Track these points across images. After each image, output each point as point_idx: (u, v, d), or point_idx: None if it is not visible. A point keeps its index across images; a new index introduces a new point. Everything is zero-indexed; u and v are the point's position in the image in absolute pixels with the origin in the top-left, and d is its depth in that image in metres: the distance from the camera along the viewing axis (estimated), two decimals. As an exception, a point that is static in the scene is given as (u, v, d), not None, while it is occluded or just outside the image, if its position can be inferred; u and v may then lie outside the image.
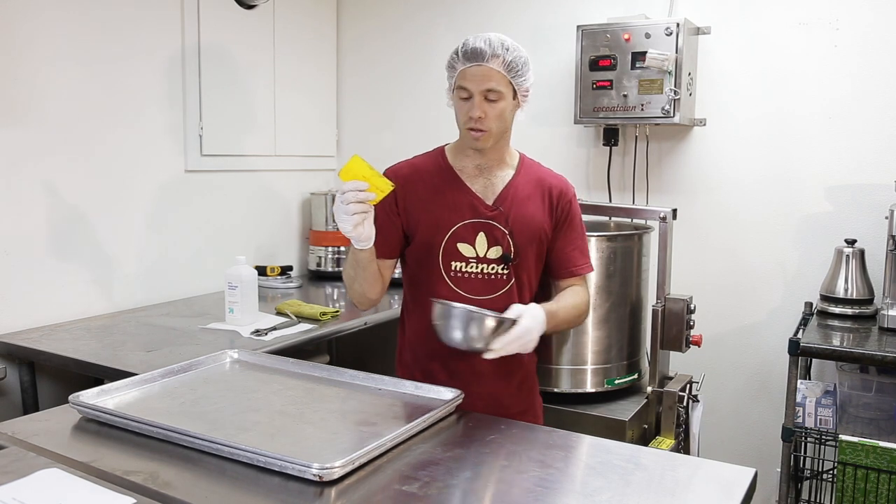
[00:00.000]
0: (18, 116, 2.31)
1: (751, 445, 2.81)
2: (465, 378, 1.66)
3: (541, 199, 1.76)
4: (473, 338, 1.49)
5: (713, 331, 2.78)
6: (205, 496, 1.12)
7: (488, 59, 1.61)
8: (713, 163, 2.82)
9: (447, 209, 1.70)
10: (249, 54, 3.12)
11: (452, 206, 1.70)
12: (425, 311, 1.64)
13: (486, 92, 1.63)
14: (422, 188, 1.72)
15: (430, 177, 1.74)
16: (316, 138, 3.53)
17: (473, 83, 1.62)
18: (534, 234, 1.73)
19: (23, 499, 1.05)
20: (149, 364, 1.93)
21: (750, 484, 1.21)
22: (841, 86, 2.58)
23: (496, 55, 1.62)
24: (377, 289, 1.74)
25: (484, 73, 1.62)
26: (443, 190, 1.72)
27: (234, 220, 3.12)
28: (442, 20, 3.33)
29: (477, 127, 1.64)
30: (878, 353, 2.02)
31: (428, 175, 1.74)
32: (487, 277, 1.70)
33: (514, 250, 1.71)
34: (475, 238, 1.70)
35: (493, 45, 1.62)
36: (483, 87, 1.62)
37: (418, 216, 1.71)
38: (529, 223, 1.72)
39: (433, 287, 1.71)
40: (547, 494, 1.16)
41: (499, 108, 1.65)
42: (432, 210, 1.70)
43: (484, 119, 1.63)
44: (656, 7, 2.85)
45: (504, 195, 1.73)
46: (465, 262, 1.70)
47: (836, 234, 2.56)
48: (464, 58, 1.63)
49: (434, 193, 1.72)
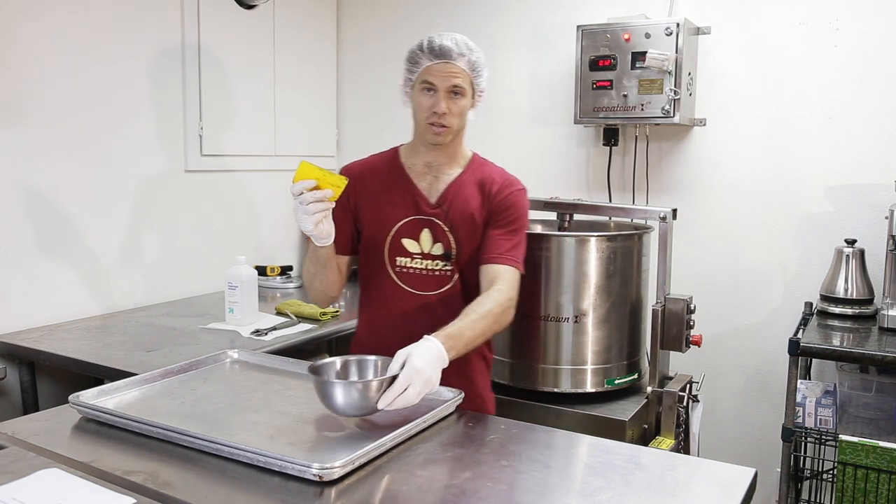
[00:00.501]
0: (18, 116, 2.31)
1: (751, 445, 2.81)
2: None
3: (480, 196, 1.79)
4: (353, 406, 1.34)
5: (713, 331, 2.78)
6: (205, 496, 1.12)
7: (455, 57, 1.69)
8: (713, 163, 2.82)
9: (392, 205, 1.77)
10: (249, 54, 3.12)
11: (398, 203, 1.77)
12: (374, 306, 1.79)
13: (452, 88, 1.69)
14: (371, 184, 1.79)
15: (381, 174, 1.81)
16: (316, 138, 3.53)
17: (440, 79, 1.68)
18: (473, 231, 1.77)
19: (23, 499, 1.05)
20: (149, 364, 1.93)
21: (750, 484, 1.21)
22: (841, 86, 2.58)
23: (462, 54, 1.70)
24: (337, 285, 1.81)
25: (451, 70, 1.69)
26: (390, 186, 1.79)
27: (234, 220, 3.12)
28: (442, 20, 3.33)
29: (440, 122, 1.70)
30: (878, 353, 2.01)
31: (379, 172, 1.81)
32: (431, 273, 1.76)
33: (454, 247, 1.76)
34: (420, 234, 1.76)
35: (460, 44, 1.70)
36: (449, 84, 1.69)
37: (366, 212, 1.78)
38: (469, 221, 1.76)
39: (381, 282, 1.79)
40: (547, 494, 1.16)
41: (461, 104, 1.72)
42: (378, 206, 1.77)
43: (447, 115, 1.69)
44: (656, 7, 2.85)
45: (446, 193, 1.78)
46: (409, 257, 1.77)
47: (836, 234, 2.56)
48: (430, 54, 1.69)
49: (382, 190, 1.78)
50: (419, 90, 1.72)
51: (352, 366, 1.48)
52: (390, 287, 1.78)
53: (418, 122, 1.76)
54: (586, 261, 2.00)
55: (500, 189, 1.80)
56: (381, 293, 1.79)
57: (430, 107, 1.70)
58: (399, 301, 1.78)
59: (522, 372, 2.05)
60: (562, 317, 2.00)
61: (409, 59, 1.74)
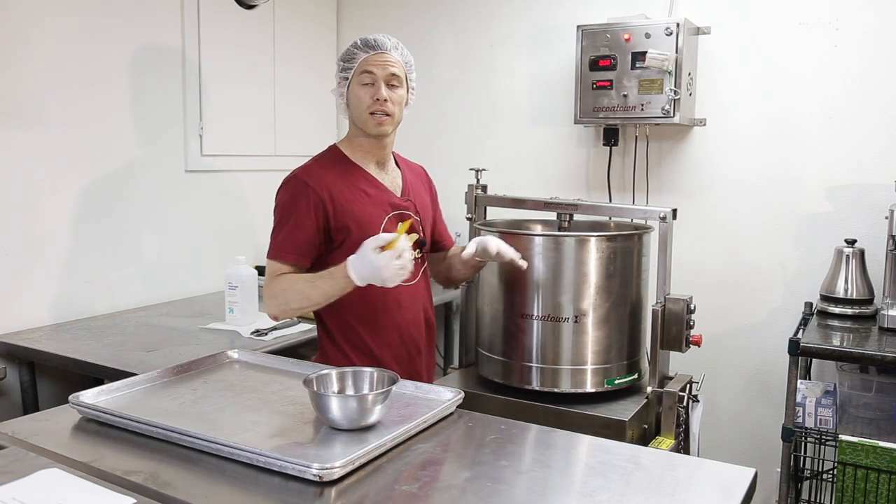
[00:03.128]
0: (19, 117, 2.31)
1: (751, 445, 2.81)
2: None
3: (425, 188, 2.00)
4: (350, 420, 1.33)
5: (713, 331, 2.78)
6: (205, 496, 1.12)
7: (390, 50, 1.79)
8: (713, 163, 2.82)
9: (372, 205, 1.81)
10: (249, 54, 3.12)
11: (375, 202, 1.82)
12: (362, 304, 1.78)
13: (390, 77, 1.78)
14: (339, 187, 1.79)
15: (342, 175, 1.82)
16: (316, 138, 3.51)
17: (378, 68, 1.77)
18: (429, 219, 1.96)
19: (23, 499, 1.05)
20: (149, 364, 1.93)
21: (750, 484, 1.21)
22: (841, 86, 2.58)
23: (396, 48, 1.81)
24: None
25: (388, 60, 1.78)
26: (362, 187, 1.82)
27: (234, 220, 3.12)
28: (442, 21, 3.33)
29: (383, 109, 1.77)
30: (878, 353, 2.01)
31: (339, 174, 1.82)
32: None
33: (423, 235, 1.90)
34: (396, 228, 1.75)
35: (392, 40, 1.82)
36: (388, 72, 1.77)
37: (348, 214, 1.77)
38: (426, 210, 1.95)
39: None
40: (547, 494, 1.16)
41: (399, 93, 1.80)
42: (358, 206, 1.79)
43: (388, 102, 1.77)
44: (656, 7, 2.85)
45: (406, 188, 1.91)
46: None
47: (836, 234, 2.56)
48: (367, 47, 1.78)
49: (352, 191, 1.80)
50: (357, 84, 1.78)
51: (348, 378, 1.48)
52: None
53: (359, 114, 1.80)
54: (586, 261, 2.00)
55: (429, 178, 2.04)
56: (371, 289, 1.69)
57: (371, 95, 1.76)
58: (391, 293, 1.78)
59: (522, 372, 2.05)
60: (562, 317, 2.00)
61: (344, 58, 1.80)
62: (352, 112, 1.82)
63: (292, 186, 1.79)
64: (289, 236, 1.74)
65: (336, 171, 1.82)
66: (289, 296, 1.71)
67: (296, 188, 1.78)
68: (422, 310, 1.92)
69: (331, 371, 1.48)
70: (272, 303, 1.73)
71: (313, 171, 1.81)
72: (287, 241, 1.74)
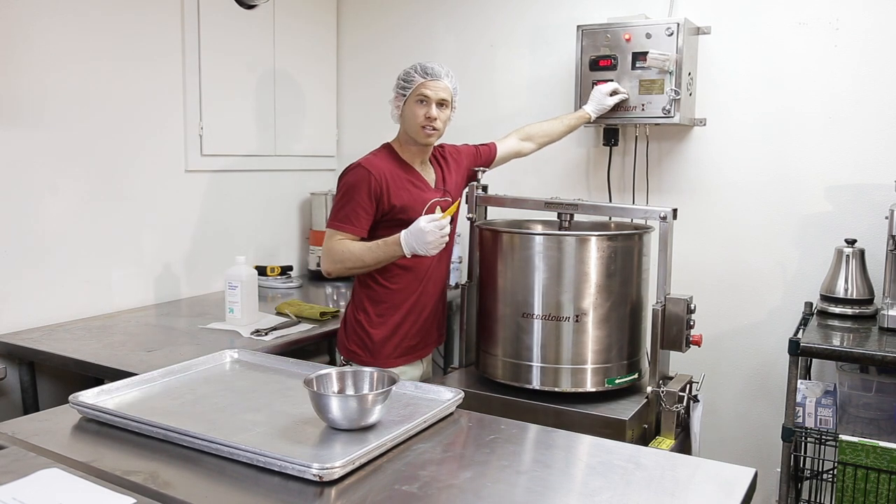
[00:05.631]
0: (19, 117, 2.32)
1: (751, 445, 2.81)
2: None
3: (454, 165, 2.38)
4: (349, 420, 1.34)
5: (713, 331, 2.78)
6: (205, 496, 1.12)
7: (442, 77, 2.19)
8: (713, 163, 2.82)
9: (418, 189, 2.22)
10: (249, 54, 3.12)
11: (419, 191, 2.22)
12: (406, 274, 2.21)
13: (441, 100, 2.18)
14: (395, 176, 2.18)
15: (396, 167, 2.21)
16: (316, 138, 3.53)
17: (433, 92, 2.17)
18: (460, 192, 2.40)
19: (23, 499, 1.05)
20: (149, 364, 1.93)
21: (750, 484, 1.21)
22: (841, 86, 2.58)
23: (447, 76, 2.21)
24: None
25: (441, 86, 2.18)
26: (411, 179, 2.23)
27: (234, 220, 3.12)
28: (442, 21, 3.33)
29: (433, 126, 2.17)
30: (878, 353, 2.01)
31: (395, 165, 2.21)
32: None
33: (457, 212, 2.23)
34: (435, 211, 2.14)
35: (444, 68, 2.21)
36: (439, 96, 2.17)
37: (400, 198, 2.16)
38: (458, 188, 2.38)
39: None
40: (547, 494, 1.16)
41: (446, 113, 2.22)
42: (409, 192, 2.19)
43: (437, 120, 2.17)
44: (656, 7, 2.85)
45: (439, 179, 2.31)
46: None
47: (836, 234, 2.56)
48: (425, 73, 2.17)
49: (404, 179, 2.20)
50: (413, 102, 2.17)
51: (348, 378, 1.49)
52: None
53: (412, 127, 2.19)
54: (587, 260, 2.00)
55: (449, 151, 2.40)
56: (414, 261, 2.14)
57: (424, 114, 2.16)
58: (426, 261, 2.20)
59: (522, 371, 2.05)
60: (562, 316, 2.00)
61: (404, 79, 2.19)
62: (405, 123, 2.21)
63: (357, 173, 2.14)
64: (352, 212, 2.11)
65: (391, 165, 2.20)
66: (345, 256, 2.10)
67: (359, 174, 2.13)
68: (441, 278, 2.34)
69: (331, 371, 1.49)
70: (329, 259, 2.12)
71: (374, 163, 2.16)
72: (350, 215, 2.11)
